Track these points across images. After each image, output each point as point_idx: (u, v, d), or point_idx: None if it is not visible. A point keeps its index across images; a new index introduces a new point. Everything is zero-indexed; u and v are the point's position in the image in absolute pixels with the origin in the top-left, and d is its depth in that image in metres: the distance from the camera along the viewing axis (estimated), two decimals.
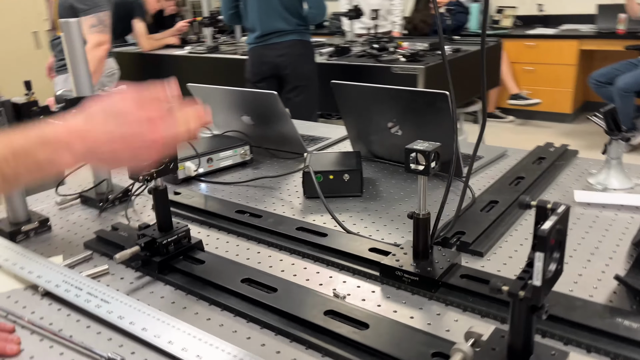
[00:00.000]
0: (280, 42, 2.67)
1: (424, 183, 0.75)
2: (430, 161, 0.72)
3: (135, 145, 0.57)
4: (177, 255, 0.85)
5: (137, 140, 0.57)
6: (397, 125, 1.19)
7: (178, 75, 3.30)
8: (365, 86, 1.20)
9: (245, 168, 1.32)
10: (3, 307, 0.76)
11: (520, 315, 0.50)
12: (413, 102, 1.14)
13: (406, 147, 0.73)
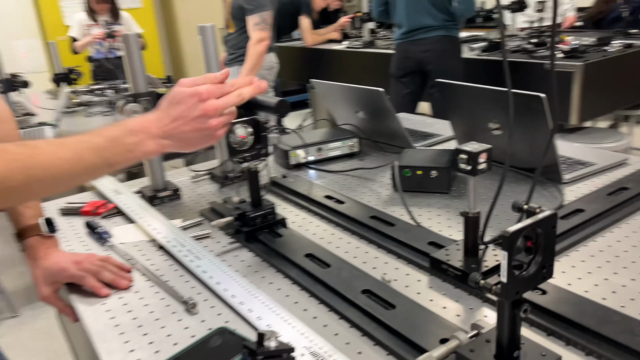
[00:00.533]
0: (426, 37, 2.70)
1: (473, 183, 0.78)
2: (477, 163, 0.75)
3: (198, 124, 0.72)
4: (262, 228, 0.99)
5: (199, 118, 0.72)
6: (498, 125, 1.19)
7: (336, 68, 3.57)
8: (468, 86, 1.22)
9: (352, 159, 1.43)
10: (128, 253, 0.98)
11: (502, 311, 0.53)
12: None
13: (456, 147, 0.77)
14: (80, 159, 0.69)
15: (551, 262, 0.52)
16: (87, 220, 1.11)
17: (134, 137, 0.72)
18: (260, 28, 2.81)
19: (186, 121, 0.73)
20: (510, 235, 0.48)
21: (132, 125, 0.73)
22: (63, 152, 0.68)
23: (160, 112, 0.75)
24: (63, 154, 0.68)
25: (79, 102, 2.76)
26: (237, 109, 1.08)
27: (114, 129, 0.72)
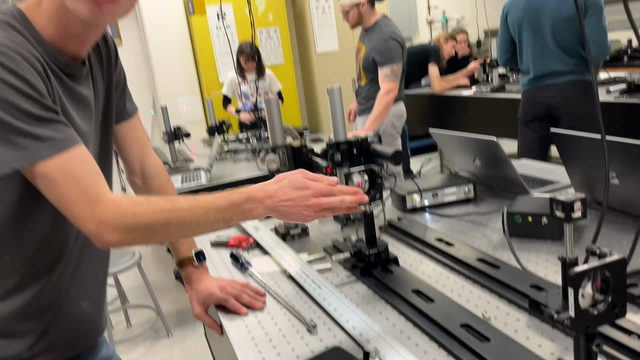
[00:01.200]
0: (555, 83, 2.67)
1: (568, 229, 0.83)
2: (571, 211, 0.80)
3: (302, 209, 0.87)
4: (376, 264, 1.12)
5: (304, 206, 0.87)
6: (614, 173, 1.19)
7: (463, 114, 3.63)
8: (582, 136, 1.24)
9: (467, 204, 1.50)
10: (264, 280, 1.16)
11: (577, 344, 0.60)
12: (627, 153, 1.14)
13: (550, 197, 0.83)
14: (207, 217, 0.84)
15: (623, 302, 0.58)
16: (232, 251, 1.33)
17: (251, 204, 0.86)
18: (390, 80, 2.97)
19: (294, 205, 0.87)
20: (575, 275, 0.55)
21: (253, 193, 0.86)
22: (195, 209, 0.83)
23: (278, 189, 0.87)
24: (195, 211, 0.83)
25: (227, 150, 3.15)
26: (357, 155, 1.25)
27: (237, 195, 0.86)
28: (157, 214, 0.81)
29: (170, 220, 0.82)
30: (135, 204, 0.81)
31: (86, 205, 0.77)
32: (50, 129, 0.76)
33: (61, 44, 0.84)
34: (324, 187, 0.88)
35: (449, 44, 4.69)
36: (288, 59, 5.40)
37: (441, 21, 6.32)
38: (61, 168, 0.76)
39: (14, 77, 0.73)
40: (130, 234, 0.79)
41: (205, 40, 4.98)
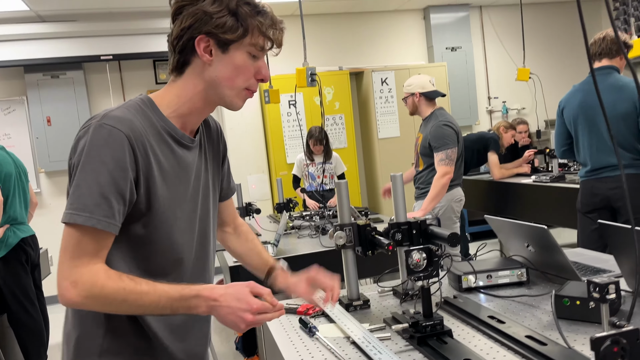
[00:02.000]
0: (613, 175, 2.74)
1: (604, 310, 0.94)
2: (605, 293, 0.92)
3: (237, 319, 1.02)
4: (431, 335, 1.24)
5: (240, 318, 1.02)
6: None
7: (522, 201, 3.73)
8: (627, 228, 1.34)
9: (520, 287, 1.60)
10: (329, 344, 1.31)
11: None
12: None
13: (587, 279, 0.95)
14: (158, 303, 1.00)
15: None
16: (301, 317, 1.48)
17: (197, 301, 1.02)
18: (444, 163, 3.14)
19: (231, 313, 1.02)
20: (595, 340, 0.68)
21: (201, 292, 1.02)
22: (150, 294, 0.99)
23: (223, 295, 1.02)
24: (150, 296, 0.99)
25: (292, 226, 3.37)
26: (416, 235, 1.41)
27: (188, 290, 1.02)
28: (120, 290, 0.98)
29: (127, 298, 0.99)
30: (109, 277, 0.99)
31: (70, 265, 0.97)
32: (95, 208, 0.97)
33: (183, 120, 1.13)
34: (261, 306, 1.03)
35: (508, 133, 4.83)
36: (351, 143, 5.71)
37: (501, 111, 6.51)
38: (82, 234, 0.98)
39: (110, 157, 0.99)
40: (90, 299, 0.97)
41: (277, 124, 5.41)
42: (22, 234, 3.17)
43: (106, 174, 0.98)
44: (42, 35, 4.93)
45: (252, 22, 1.06)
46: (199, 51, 1.07)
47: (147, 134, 1.06)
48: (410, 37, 6.30)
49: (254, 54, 1.09)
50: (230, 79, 1.09)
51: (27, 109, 5.18)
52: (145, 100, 1.11)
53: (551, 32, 6.59)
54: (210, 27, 1.04)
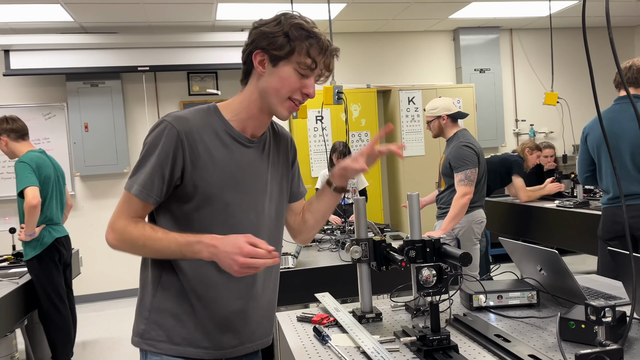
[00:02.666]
0: (634, 204, 2.74)
1: (601, 331, 0.99)
2: (601, 315, 0.97)
3: (231, 262, 1.17)
4: (438, 349, 1.30)
5: (233, 260, 1.16)
6: None
7: (545, 225, 3.72)
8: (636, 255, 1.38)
9: (530, 309, 1.64)
10: (341, 352, 1.37)
11: None
12: None
13: (585, 302, 1.00)
14: (169, 247, 1.23)
15: None
16: (315, 326, 1.56)
17: (199, 246, 1.20)
18: (464, 184, 3.18)
19: (226, 255, 1.18)
20: (579, 356, 0.73)
21: (203, 239, 1.21)
22: (164, 240, 1.23)
23: (220, 242, 1.19)
24: (163, 242, 1.23)
25: (313, 240, 3.45)
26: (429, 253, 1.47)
27: (193, 237, 1.22)
28: (140, 237, 1.24)
29: (145, 243, 1.25)
30: (136, 226, 1.25)
31: (114, 216, 1.28)
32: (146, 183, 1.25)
33: (244, 124, 1.33)
34: (251, 250, 1.17)
35: (533, 154, 4.80)
36: None
37: (529, 134, 6.49)
38: (128, 199, 1.27)
39: (160, 145, 1.24)
40: (121, 242, 1.27)
41: (303, 139, 5.52)
42: (57, 234, 3.33)
43: (154, 158, 1.24)
44: (84, 45, 5.18)
45: (301, 43, 1.24)
46: (255, 63, 1.27)
47: (200, 131, 1.27)
48: (439, 57, 6.36)
49: (301, 71, 1.26)
50: (276, 89, 1.27)
51: (67, 115, 5.41)
52: (210, 107, 1.34)
53: (582, 57, 6.57)
54: (265, 44, 1.25)
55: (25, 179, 3.11)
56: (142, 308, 1.35)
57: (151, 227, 1.27)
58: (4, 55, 5.05)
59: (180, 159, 1.25)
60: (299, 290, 2.64)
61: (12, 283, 3.01)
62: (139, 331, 1.34)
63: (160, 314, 1.31)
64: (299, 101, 1.30)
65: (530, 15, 5.89)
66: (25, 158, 3.21)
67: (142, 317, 1.34)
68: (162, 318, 1.31)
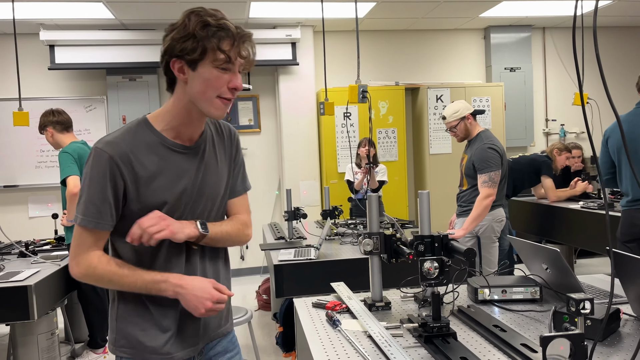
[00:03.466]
0: None
1: (580, 321, 1.08)
2: (579, 307, 1.07)
3: (199, 305, 1.28)
4: (437, 335, 1.41)
5: (201, 303, 1.28)
6: None
7: (567, 225, 3.76)
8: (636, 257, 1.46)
9: (532, 303, 1.72)
10: (349, 336, 1.50)
11: None
12: None
13: (567, 295, 1.10)
14: (135, 284, 1.29)
15: None
16: (328, 312, 1.68)
17: (165, 285, 1.28)
18: (488, 186, 3.24)
19: (194, 299, 1.28)
20: (544, 338, 0.84)
21: (170, 279, 1.29)
22: (130, 277, 1.28)
23: (188, 283, 1.29)
24: (129, 278, 1.28)
25: (336, 233, 3.57)
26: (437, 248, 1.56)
27: (160, 276, 1.29)
28: (107, 273, 1.29)
29: (112, 279, 1.30)
30: (100, 262, 1.29)
31: (77, 251, 1.30)
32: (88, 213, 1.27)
33: (176, 131, 1.33)
34: (220, 298, 1.31)
35: (562, 155, 4.78)
36: (402, 157, 5.86)
37: (559, 134, 6.45)
38: (83, 232, 1.29)
39: (95, 173, 1.27)
40: (86, 277, 1.31)
41: (331, 135, 5.64)
42: None
43: (95, 186, 1.27)
44: (124, 41, 5.41)
45: (210, 41, 1.22)
46: (175, 72, 1.27)
47: (133, 151, 1.29)
48: (468, 55, 6.37)
49: (221, 67, 1.24)
50: (202, 91, 1.26)
51: (106, 108, 5.68)
52: (140, 122, 1.34)
53: (615, 57, 6.47)
54: (177, 51, 1.24)
55: (68, 169, 3.33)
56: (110, 318, 1.40)
57: (117, 263, 1.30)
58: (50, 50, 5.33)
59: (120, 181, 1.27)
60: (319, 281, 2.78)
61: (55, 265, 3.23)
62: (112, 339, 1.39)
63: (124, 322, 1.36)
64: (228, 97, 1.29)
65: (563, 14, 5.84)
66: (68, 149, 3.43)
67: (112, 327, 1.39)
68: (126, 327, 1.36)
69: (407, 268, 1.71)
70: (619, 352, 1.31)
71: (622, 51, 6.55)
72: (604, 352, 1.31)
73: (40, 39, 5.22)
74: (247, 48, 1.27)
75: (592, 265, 5.49)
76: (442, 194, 5.32)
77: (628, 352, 1.31)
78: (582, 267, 5.50)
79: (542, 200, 4.73)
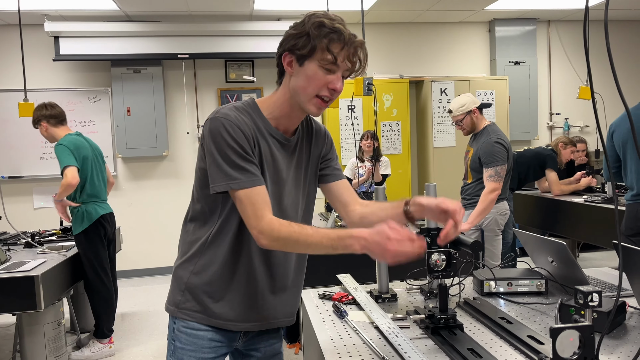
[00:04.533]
0: None
1: (588, 313, 1.09)
2: (587, 299, 1.08)
3: (383, 252, 1.20)
4: (444, 327, 1.42)
5: (384, 249, 1.19)
6: None
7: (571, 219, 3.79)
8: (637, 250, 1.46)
9: (538, 296, 1.73)
10: (356, 327, 1.51)
11: None
12: None
13: (575, 287, 1.11)
14: (322, 243, 1.26)
15: (592, 357, 0.86)
16: (335, 303, 1.70)
17: (351, 240, 1.23)
18: (494, 180, 3.25)
19: (378, 247, 1.20)
20: (553, 329, 0.85)
21: (353, 233, 1.23)
22: (315, 236, 1.26)
23: (370, 234, 1.21)
24: (315, 237, 1.26)
25: (340, 224, 3.59)
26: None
27: (344, 232, 1.25)
28: (292, 233, 1.27)
29: (299, 239, 1.27)
30: (281, 224, 1.29)
31: (254, 220, 1.29)
32: (245, 173, 1.29)
33: (277, 121, 1.41)
34: (391, 234, 1.19)
35: (567, 149, 4.77)
36: (406, 149, 5.85)
37: (563, 127, 6.43)
38: (247, 196, 1.29)
39: (231, 139, 1.29)
40: (274, 241, 1.29)
41: (335, 128, 5.64)
42: (102, 211, 3.57)
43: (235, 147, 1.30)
44: (129, 33, 5.41)
45: (321, 41, 1.29)
46: (284, 65, 1.35)
47: (252, 129, 1.34)
48: (473, 49, 6.35)
49: (326, 67, 1.31)
50: (303, 87, 1.33)
51: (111, 100, 5.68)
52: (251, 104, 1.40)
53: (620, 50, 6.44)
54: (290, 45, 1.33)
55: (65, 159, 3.33)
56: (179, 280, 1.45)
57: (297, 225, 1.30)
58: (54, 41, 5.33)
59: (254, 144, 1.34)
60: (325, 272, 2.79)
61: (61, 255, 3.26)
62: (175, 301, 1.45)
63: (196, 288, 1.42)
64: (327, 97, 1.35)
65: (569, 7, 5.81)
66: (64, 141, 3.43)
67: (179, 289, 1.45)
68: (197, 292, 1.42)
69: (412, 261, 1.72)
70: (625, 344, 1.32)
71: (627, 45, 6.51)
72: (609, 345, 1.32)
73: (45, 30, 5.22)
74: (357, 55, 1.33)
75: (595, 259, 5.50)
76: (446, 187, 5.31)
77: (634, 344, 1.32)
78: (586, 261, 5.51)
79: (545, 194, 4.73)
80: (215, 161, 1.30)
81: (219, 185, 1.30)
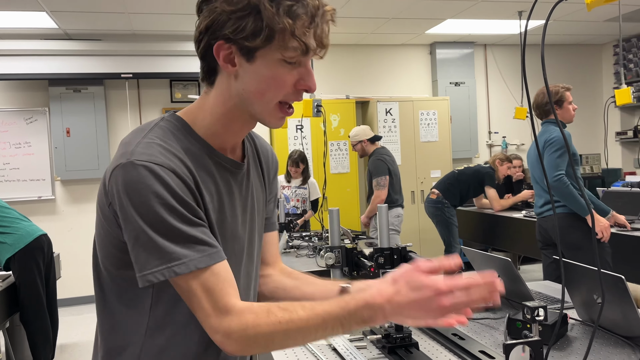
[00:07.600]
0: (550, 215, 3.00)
1: (534, 328, 1.15)
2: (534, 314, 1.13)
3: (427, 310, 0.77)
4: (400, 346, 1.45)
5: (429, 306, 0.77)
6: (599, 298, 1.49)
7: (511, 234, 4.02)
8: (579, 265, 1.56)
9: (486, 311, 1.80)
10: (315, 350, 1.52)
11: None
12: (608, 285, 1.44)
13: (523, 303, 1.17)
14: (325, 327, 0.81)
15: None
16: None
17: (370, 311, 0.80)
18: (377, 188, 4.27)
19: (419, 308, 0.78)
20: (507, 345, 0.89)
21: (370, 300, 0.80)
22: (312, 320, 0.81)
23: (396, 292, 0.79)
24: (312, 322, 0.81)
25: (291, 245, 3.59)
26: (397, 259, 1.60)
27: (354, 302, 0.81)
28: (277, 326, 0.81)
29: (288, 332, 0.82)
30: (257, 315, 0.82)
31: (215, 317, 0.82)
32: (195, 245, 0.82)
33: (220, 140, 0.94)
34: (444, 285, 0.78)
35: (504, 165, 5.01)
36: (354, 168, 5.96)
37: (501, 145, 6.75)
38: (201, 281, 0.82)
39: (168, 194, 0.81)
40: (251, 346, 0.82)
41: (284, 147, 5.66)
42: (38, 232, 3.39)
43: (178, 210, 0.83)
44: (68, 52, 5.24)
45: (280, 21, 0.83)
46: (219, 61, 0.87)
47: (192, 168, 0.88)
48: (415, 70, 6.57)
49: (289, 60, 0.87)
50: (259, 92, 0.88)
51: (49, 120, 5.45)
52: (175, 123, 0.91)
53: (554, 73, 6.85)
54: (227, 30, 0.84)
55: None
56: None
57: (277, 306, 0.84)
58: None
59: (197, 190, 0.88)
60: None
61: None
62: None
63: None
64: (294, 100, 0.91)
65: (503, 33, 6.15)
66: None
67: None
68: None
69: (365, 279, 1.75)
70: (569, 355, 1.40)
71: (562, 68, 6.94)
72: (555, 356, 1.39)
73: None
74: (327, 33, 0.93)
75: (535, 272, 5.75)
76: None
77: (577, 354, 1.40)
78: (527, 274, 5.75)
79: (487, 209, 4.93)
80: (142, 235, 0.81)
81: (155, 273, 0.81)
